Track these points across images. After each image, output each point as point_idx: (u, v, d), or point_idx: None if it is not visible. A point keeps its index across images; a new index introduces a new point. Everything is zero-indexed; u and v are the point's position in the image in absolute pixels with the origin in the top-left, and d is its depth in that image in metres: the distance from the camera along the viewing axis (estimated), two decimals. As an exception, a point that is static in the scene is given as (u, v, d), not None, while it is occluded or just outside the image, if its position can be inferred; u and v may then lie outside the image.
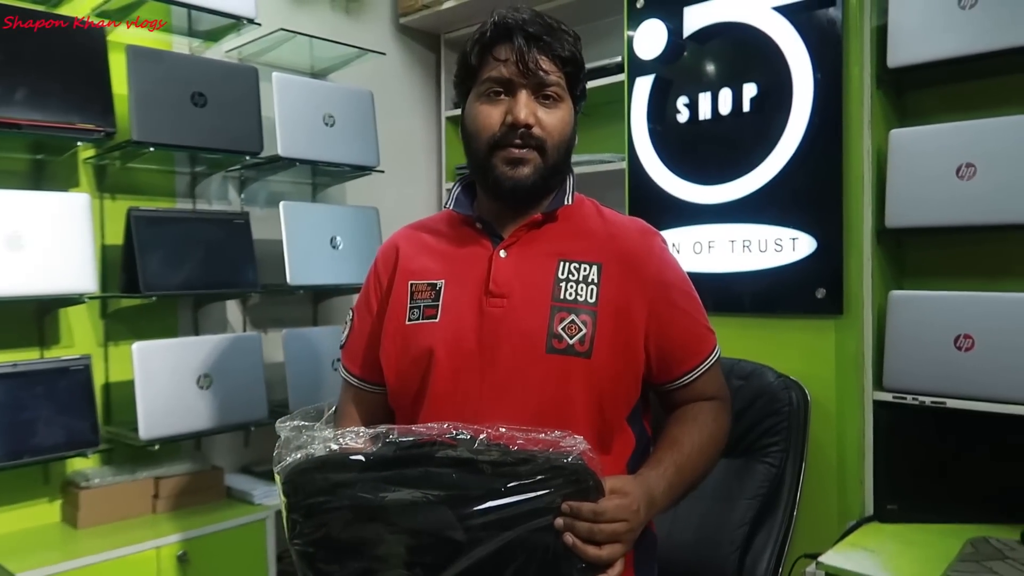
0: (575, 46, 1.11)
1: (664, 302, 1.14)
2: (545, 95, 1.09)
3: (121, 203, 2.13)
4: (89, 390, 1.85)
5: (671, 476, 1.07)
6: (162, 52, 2.02)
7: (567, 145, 1.13)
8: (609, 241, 1.15)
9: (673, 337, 1.15)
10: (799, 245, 1.91)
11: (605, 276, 1.11)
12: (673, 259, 1.21)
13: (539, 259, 1.13)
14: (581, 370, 1.07)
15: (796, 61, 1.90)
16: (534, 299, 1.10)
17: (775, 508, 1.74)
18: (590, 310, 1.09)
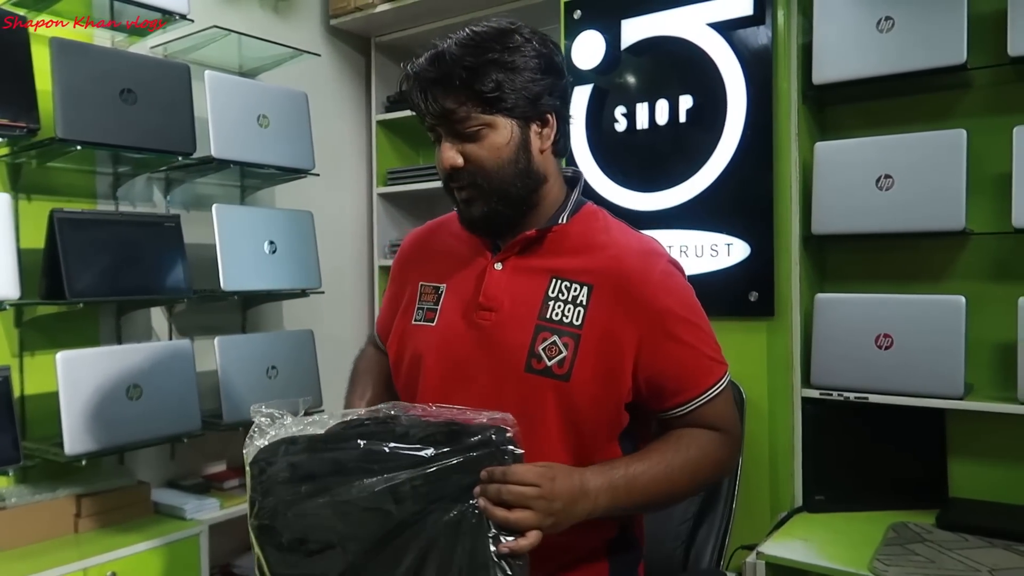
0: (494, 65, 1.04)
1: (659, 332, 1.08)
2: (464, 130, 1.06)
3: (37, 204, 2.00)
4: (8, 403, 1.73)
5: (616, 479, 1.03)
6: (89, 46, 1.91)
7: (510, 167, 1.08)
8: (607, 261, 1.10)
9: (666, 369, 1.09)
10: (734, 250, 2.00)
11: (595, 298, 1.08)
12: (679, 283, 1.14)
13: (532, 274, 1.12)
14: (557, 393, 1.07)
15: (730, 75, 1.99)
16: (521, 315, 1.10)
17: (715, 502, 1.80)
18: (574, 332, 1.07)
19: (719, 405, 1.13)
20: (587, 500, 1.00)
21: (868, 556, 1.62)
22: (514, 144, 1.07)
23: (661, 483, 1.06)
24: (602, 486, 1.02)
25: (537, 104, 1.08)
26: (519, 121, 1.08)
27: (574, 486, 0.99)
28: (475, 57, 1.04)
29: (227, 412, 2.09)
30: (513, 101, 1.06)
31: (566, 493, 0.97)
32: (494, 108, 1.05)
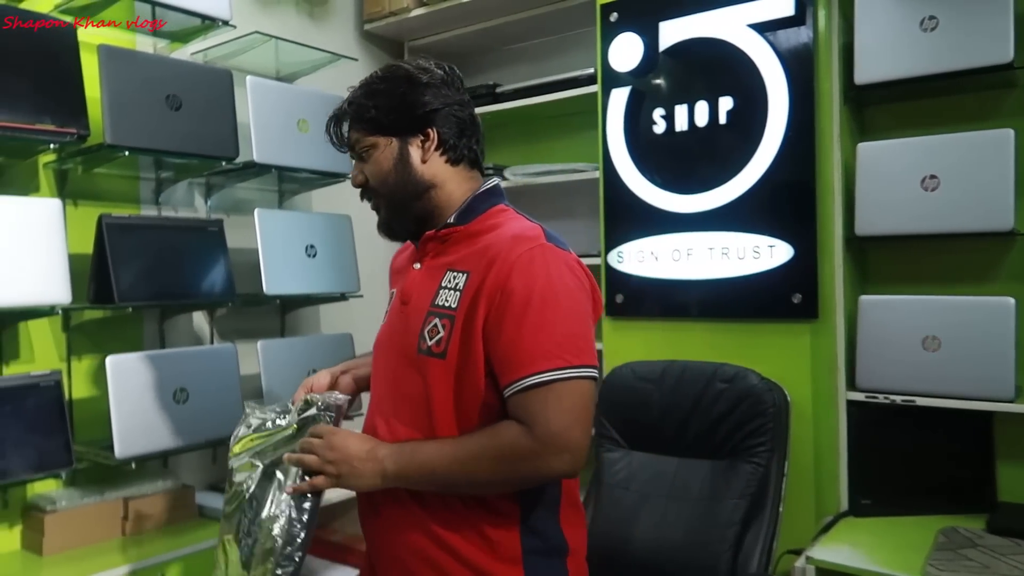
0: (370, 95, 1.25)
1: (500, 308, 1.14)
2: (359, 154, 1.28)
3: (83, 210, 2.02)
4: (60, 407, 1.75)
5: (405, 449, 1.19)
6: (136, 52, 1.93)
7: (392, 177, 1.24)
8: (482, 249, 1.20)
9: (498, 347, 1.14)
10: (776, 252, 1.98)
11: (468, 283, 1.19)
12: (540, 266, 1.15)
13: (436, 270, 1.26)
14: (437, 370, 1.20)
15: (771, 76, 1.98)
16: (420, 306, 1.24)
17: (763, 506, 1.80)
18: (450, 314, 1.19)
19: (535, 399, 1.11)
20: (374, 462, 1.19)
21: (919, 561, 1.60)
22: (394, 158, 1.24)
23: (448, 461, 1.15)
24: (390, 453, 1.19)
25: (412, 120, 1.24)
26: (398, 137, 1.25)
27: (361, 447, 1.21)
28: (357, 95, 1.27)
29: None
30: (388, 120, 1.24)
31: (349, 449, 1.20)
32: (373, 130, 1.25)
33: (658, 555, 1.84)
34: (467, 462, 1.15)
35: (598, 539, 1.92)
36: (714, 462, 1.87)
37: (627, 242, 2.22)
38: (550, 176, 2.51)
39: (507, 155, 2.84)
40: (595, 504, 1.97)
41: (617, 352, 2.24)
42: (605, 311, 2.29)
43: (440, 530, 1.21)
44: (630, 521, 1.89)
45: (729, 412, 1.86)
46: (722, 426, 1.87)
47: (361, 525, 1.34)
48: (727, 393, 1.88)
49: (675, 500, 1.89)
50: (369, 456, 1.20)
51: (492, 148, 2.94)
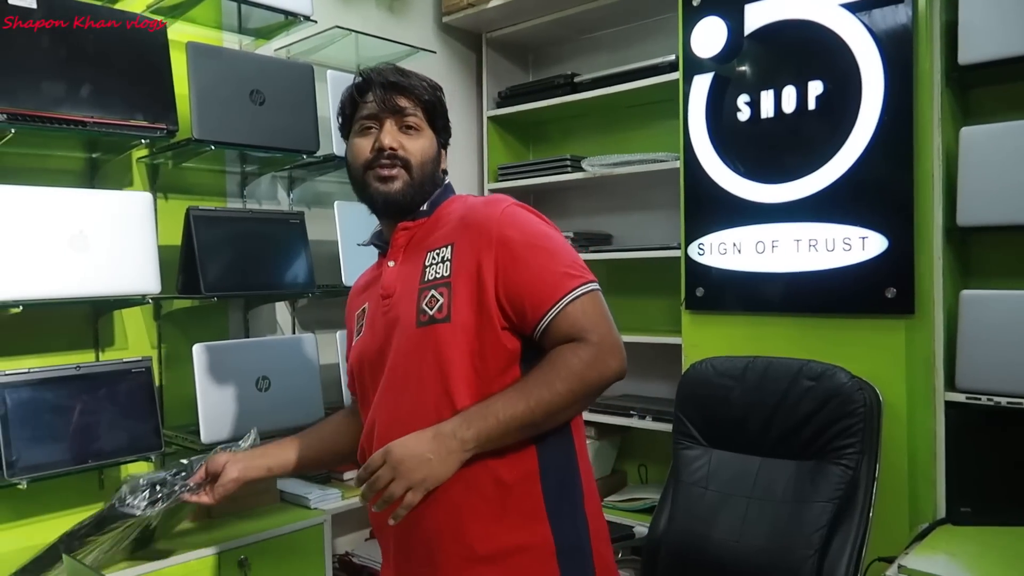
0: (432, 92, 1.33)
1: (507, 257, 1.22)
2: (407, 125, 1.30)
3: (173, 203, 2.10)
4: (150, 393, 1.82)
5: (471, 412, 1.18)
6: (221, 49, 1.99)
7: (431, 167, 1.33)
8: (459, 221, 1.29)
9: (520, 287, 1.22)
10: (868, 244, 1.88)
11: (456, 251, 1.26)
12: (522, 216, 1.28)
13: (414, 257, 1.32)
14: (446, 333, 1.22)
15: (865, 58, 1.88)
16: (408, 289, 1.29)
17: (852, 510, 1.71)
18: (445, 282, 1.25)
19: (578, 313, 1.21)
20: (444, 442, 1.17)
21: None
22: (434, 152, 1.34)
23: (524, 402, 1.17)
24: (458, 424, 1.17)
25: (446, 132, 1.39)
26: (437, 139, 1.36)
27: (422, 439, 1.17)
28: (420, 80, 1.33)
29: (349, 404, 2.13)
30: (437, 119, 1.35)
31: (414, 451, 1.16)
32: (429, 118, 1.33)
33: (738, 557, 1.78)
34: (542, 395, 1.17)
35: (675, 538, 1.87)
36: (799, 463, 1.80)
37: (708, 234, 2.15)
38: (629, 167, 2.46)
39: (585, 146, 2.80)
40: (672, 502, 1.92)
41: (697, 347, 2.18)
42: (684, 305, 2.23)
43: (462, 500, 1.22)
44: (708, 521, 1.84)
45: (816, 411, 1.78)
46: (808, 426, 1.79)
47: (375, 519, 1.35)
48: (813, 391, 1.80)
49: (757, 501, 1.82)
50: (437, 441, 1.18)
51: (569, 139, 2.92)
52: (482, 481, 1.20)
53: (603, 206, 2.81)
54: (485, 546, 1.22)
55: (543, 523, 1.24)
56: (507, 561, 1.23)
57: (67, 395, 1.71)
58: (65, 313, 1.89)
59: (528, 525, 1.23)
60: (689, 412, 1.98)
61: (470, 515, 1.22)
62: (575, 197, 2.92)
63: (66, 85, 1.67)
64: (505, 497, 1.22)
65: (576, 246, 2.66)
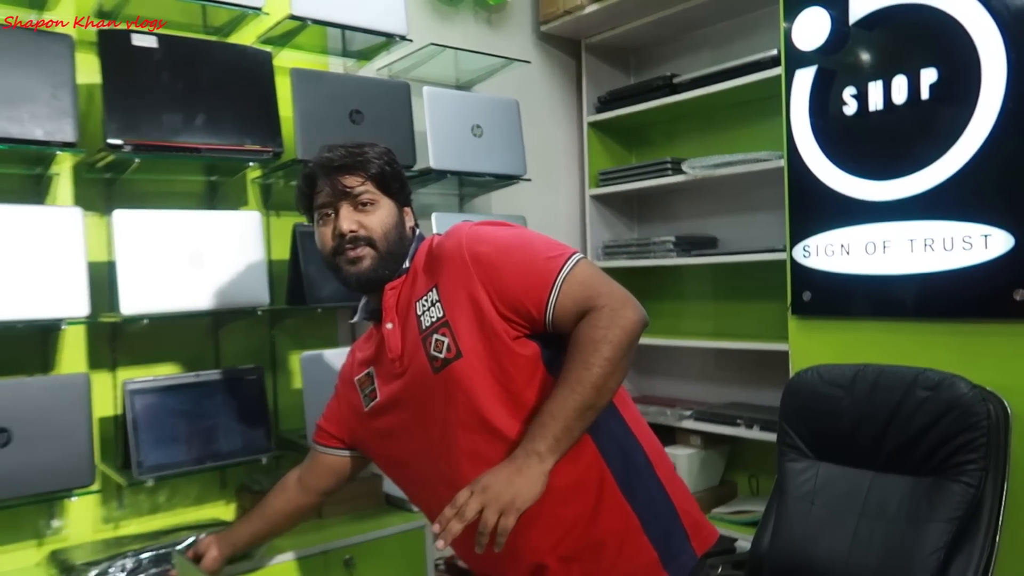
0: (379, 162, 1.37)
1: (488, 270, 1.26)
2: (361, 203, 1.35)
3: (285, 219, 2.22)
4: (262, 398, 1.94)
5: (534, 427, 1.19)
6: (322, 73, 2.10)
7: (394, 233, 1.37)
8: (434, 264, 1.34)
9: (513, 291, 1.25)
10: (992, 242, 1.73)
11: (441, 289, 1.31)
12: (484, 231, 1.31)
13: (407, 313, 1.36)
14: (464, 369, 1.26)
15: (984, 42, 1.73)
16: (414, 344, 1.33)
17: (975, 532, 1.57)
18: (443, 322, 1.29)
19: (574, 286, 1.24)
20: (524, 458, 1.17)
21: None
22: (395, 217, 1.38)
23: (574, 394, 1.18)
24: (529, 441, 1.18)
25: (404, 193, 1.43)
26: (396, 203, 1.40)
27: (501, 468, 1.18)
28: (364, 154, 1.38)
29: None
30: (393, 187, 1.39)
31: (495, 477, 1.16)
32: (382, 188, 1.37)
33: (849, 578, 1.68)
34: (582, 376, 1.19)
35: (779, 555, 1.79)
36: (916, 479, 1.67)
37: (814, 235, 2.05)
38: (730, 167, 2.38)
39: (685, 147, 2.74)
40: (776, 516, 1.83)
41: (804, 354, 2.07)
42: (791, 310, 2.13)
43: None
44: (815, 538, 1.74)
45: (933, 424, 1.65)
46: (924, 439, 1.66)
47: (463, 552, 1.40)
48: (930, 402, 1.67)
49: (868, 519, 1.71)
50: (515, 463, 1.19)
51: (669, 141, 2.86)
52: (553, 487, 1.20)
53: (707, 208, 2.73)
54: (572, 546, 1.27)
55: (621, 504, 1.28)
56: (600, 552, 1.27)
57: (188, 401, 1.85)
58: (187, 325, 2.04)
59: (609, 511, 1.27)
60: (794, 422, 1.88)
61: (551, 523, 1.25)
62: (678, 200, 2.85)
63: (183, 115, 1.81)
64: (577, 492, 1.26)
65: (679, 250, 2.61)
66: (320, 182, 1.38)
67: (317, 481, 1.62)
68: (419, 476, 1.41)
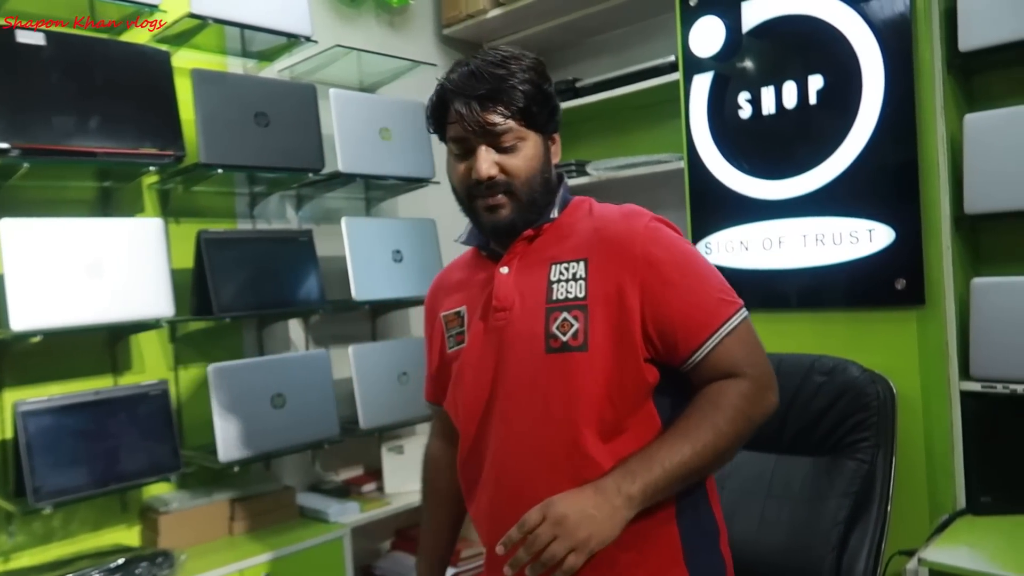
0: (529, 90, 1.14)
1: (656, 280, 1.12)
2: (502, 142, 1.14)
3: (185, 227, 2.13)
4: (168, 415, 1.86)
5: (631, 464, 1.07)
6: (225, 74, 2.03)
7: (539, 176, 1.17)
8: (594, 234, 1.17)
9: (672, 314, 1.11)
10: (876, 236, 1.87)
11: (592, 268, 1.14)
12: (667, 235, 1.17)
13: (535, 268, 1.19)
14: (582, 364, 1.12)
15: (864, 50, 1.87)
16: (531, 306, 1.16)
17: (869, 505, 1.69)
18: (580, 304, 1.13)
19: (735, 345, 1.13)
20: (611, 495, 1.04)
21: (1049, 564, 1.48)
22: (540, 157, 1.18)
23: (692, 448, 1.08)
24: (621, 478, 1.05)
25: (553, 121, 1.20)
26: (542, 136, 1.19)
27: (583, 495, 1.04)
28: (512, 77, 1.14)
29: (363, 418, 2.16)
30: (542, 117, 1.17)
31: (576, 506, 1.02)
32: (529, 123, 1.15)
33: (757, 557, 1.77)
34: (707, 438, 1.08)
35: (694, 539, 1.87)
36: (815, 459, 1.78)
37: (715, 232, 2.15)
38: (633, 169, 2.46)
39: (589, 150, 2.81)
40: (690, 503, 1.91)
41: (709, 346, 2.17)
42: (695, 305, 2.22)
43: None
44: (727, 521, 1.82)
45: (829, 406, 1.77)
46: (822, 421, 1.77)
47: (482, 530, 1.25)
48: (826, 386, 1.79)
49: (775, 499, 1.81)
50: (600, 496, 1.04)
51: (574, 143, 2.92)
52: None
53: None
54: None
55: (679, 566, 1.15)
56: None
57: (87, 420, 1.75)
58: (83, 340, 1.92)
59: (666, 569, 1.14)
60: (703, 412, 1.97)
61: (603, 562, 1.07)
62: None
63: (76, 118, 1.71)
64: (643, 542, 1.12)
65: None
66: (455, 109, 1.14)
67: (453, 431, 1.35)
68: (476, 443, 1.22)
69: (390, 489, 2.34)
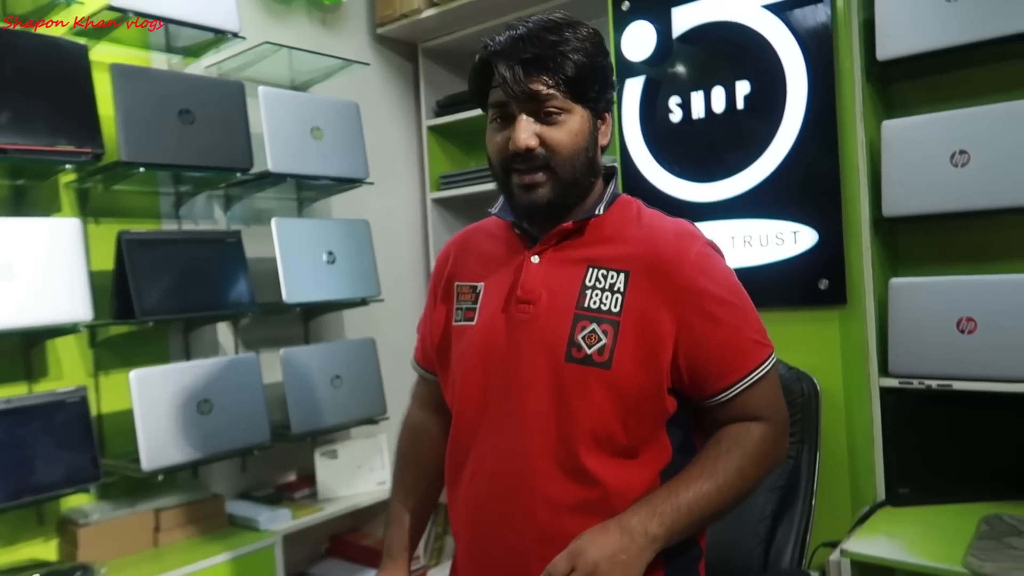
0: (582, 60, 1.06)
1: (697, 313, 1.07)
2: (546, 112, 1.07)
3: (105, 227, 2.05)
4: (87, 423, 1.78)
5: (658, 504, 1.04)
6: (147, 70, 1.95)
7: (583, 155, 1.10)
8: (642, 246, 1.11)
9: (707, 351, 1.07)
10: (800, 238, 1.93)
11: (632, 284, 1.08)
12: (716, 264, 1.12)
13: (569, 265, 1.12)
14: (600, 381, 1.06)
15: (789, 57, 1.93)
16: (559, 306, 1.10)
17: (794, 499, 1.74)
18: (612, 319, 1.07)
19: (764, 390, 1.11)
20: (636, 536, 1.01)
21: (961, 551, 1.54)
22: (586, 134, 1.10)
23: (713, 492, 1.05)
24: (645, 516, 1.02)
25: (606, 98, 1.12)
26: (591, 113, 1.10)
27: (610, 536, 1.01)
28: (564, 42, 1.05)
29: (295, 423, 2.11)
30: (592, 92, 1.08)
31: (604, 551, 0.99)
32: (577, 95, 1.07)
33: (690, 552, 1.80)
34: (733, 483, 1.06)
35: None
36: (744, 456, 1.83)
37: (647, 234, 2.18)
38: (568, 171, 2.48)
39: (525, 152, 2.82)
40: (624, 502, 1.93)
41: (642, 346, 2.20)
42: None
43: None
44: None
45: (757, 404, 1.82)
46: (750, 419, 1.82)
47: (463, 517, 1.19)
48: (754, 384, 1.83)
49: (705, 496, 1.85)
50: (626, 537, 1.01)
51: (511, 145, 2.93)
52: None
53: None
54: None
55: None
56: None
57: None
58: (-7, 346, 1.83)
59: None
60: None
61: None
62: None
63: (-17, 112, 1.63)
64: None
65: (521, 252, 2.67)
66: (498, 72, 1.05)
67: (441, 401, 1.28)
68: (470, 433, 1.16)
69: (324, 495, 2.30)
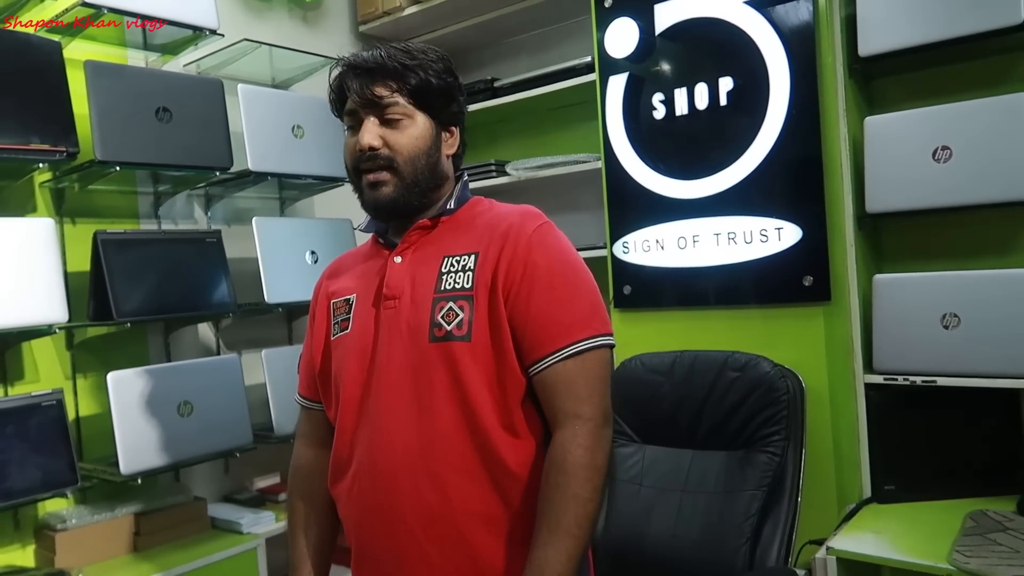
0: (424, 71, 1.17)
1: (527, 281, 1.13)
2: (388, 118, 1.16)
3: (82, 227, 2.02)
4: (63, 426, 1.75)
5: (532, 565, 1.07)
6: (123, 67, 1.92)
7: (424, 158, 1.19)
8: (488, 230, 1.19)
9: (529, 319, 1.13)
10: (784, 235, 1.92)
11: (480, 261, 1.16)
12: (553, 241, 1.18)
13: (427, 259, 1.20)
14: (465, 353, 1.12)
15: (771, 54, 1.92)
16: (421, 296, 1.17)
17: (780, 497, 1.74)
18: (467, 295, 1.14)
19: (576, 372, 1.12)
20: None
21: (946, 547, 1.54)
22: (428, 140, 1.19)
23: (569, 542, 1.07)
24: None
25: (448, 112, 1.22)
26: (434, 122, 1.20)
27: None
28: (408, 59, 1.17)
29: (278, 425, 2.09)
30: (433, 101, 1.19)
31: None
32: (420, 103, 1.18)
33: (673, 552, 1.79)
34: (578, 513, 1.07)
35: (613, 536, 1.88)
36: (729, 453, 1.82)
37: (632, 232, 2.17)
38: (552, 169, 2.47)
39: (508, 150, 2.80)
40: (608, 501, 1.92)
41: (626, 345, 2.19)
42: (613, 303, 2.25)
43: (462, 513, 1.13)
44: (645, 517, 1.85)
45: (742, 401, 1.81)
46: (735, 416, 1.81)
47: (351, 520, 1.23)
48: (739, 382, 1.83)
49: (690, 494, 1.84)
50: None
51: (493, 143, 2.91)
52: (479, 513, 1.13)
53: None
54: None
55: None
56: None
57: (-28, 435, 1.63)
58: (-33, 349, 1.80)
59: None
60: (622, 410, 1.98)
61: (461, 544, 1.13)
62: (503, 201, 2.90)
63: (-46, 110, 1.60)
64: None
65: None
66: (347, 83, 1.17)
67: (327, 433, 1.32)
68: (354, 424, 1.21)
69: (307, 497, 2.27)
